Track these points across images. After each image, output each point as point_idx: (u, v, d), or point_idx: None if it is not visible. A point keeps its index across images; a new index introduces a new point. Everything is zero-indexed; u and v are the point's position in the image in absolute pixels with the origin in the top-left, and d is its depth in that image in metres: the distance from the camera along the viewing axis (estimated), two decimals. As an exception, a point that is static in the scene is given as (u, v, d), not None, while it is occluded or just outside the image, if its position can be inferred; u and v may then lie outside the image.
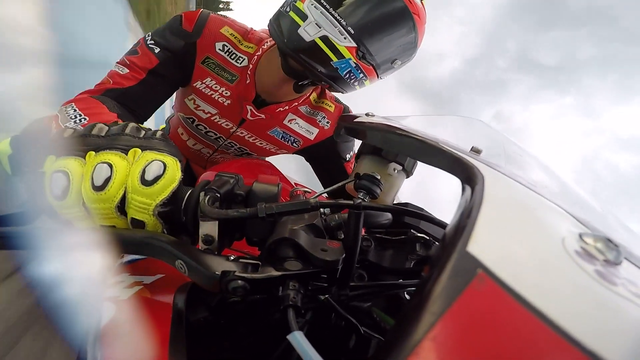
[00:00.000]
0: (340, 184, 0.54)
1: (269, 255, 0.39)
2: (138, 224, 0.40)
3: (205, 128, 1.16)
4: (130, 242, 0.38)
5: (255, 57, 1.01)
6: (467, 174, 0.33)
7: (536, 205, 0.33)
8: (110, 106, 0.84)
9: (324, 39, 0.83)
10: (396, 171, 0.81)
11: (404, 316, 0.22)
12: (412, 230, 0.60)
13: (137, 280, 0.48)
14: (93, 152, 0.40)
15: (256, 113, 1.07)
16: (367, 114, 0.73)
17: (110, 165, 0.39)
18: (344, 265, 0.39)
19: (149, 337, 0.35)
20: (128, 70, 0.95)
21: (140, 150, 0.41)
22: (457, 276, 0.22)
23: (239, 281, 0.34)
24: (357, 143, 0.82)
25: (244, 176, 0.47)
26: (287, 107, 1.11)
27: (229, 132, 1.15)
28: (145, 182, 0.39)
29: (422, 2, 0.88)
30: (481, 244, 0.23)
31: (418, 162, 0.78)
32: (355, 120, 0.65)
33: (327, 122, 1.20)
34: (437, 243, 0.53)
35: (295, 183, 1.08)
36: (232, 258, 0.38)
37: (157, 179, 0.39)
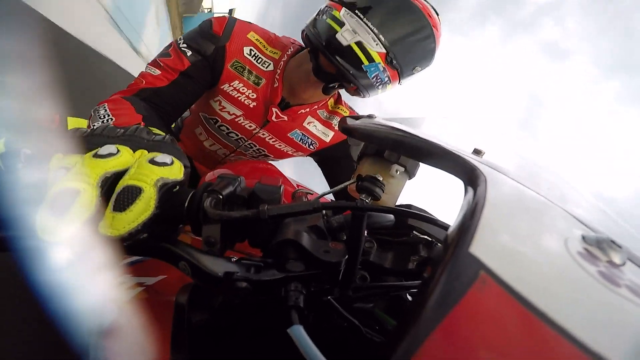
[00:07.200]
0: (342, 185, 0.54)
1: (272, 257, 0.39)
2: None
3: (228, 129, 1.19)
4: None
5: (282, 62, 1.08)
6: (470, 176, 0.33)
7: (539, 206, 0.33)
8: (138, 108, 0.86)
9: (359, 44, 0.91)
10: (398, 173, 0.81)
11: (405, 318, 0.22)
12: (414, 232, 0.60)
13: (139, 282, 0.48)
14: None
15: (280, 115, 1.13)
16: (369, 116, 0.73)
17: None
18: (347, 266, 0.39)
19: (150, 339, 0.35)
20: (160, 72, 1.00)
21: (147, 151, 0.40)
22: (459, 278, 0.21)
23: (242, 282, 0.34)
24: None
25: (246, 178, 0.47)
26: (307, 110, 1.18)
27: (251, 133, 1.19)
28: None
29: (438, 17, 0.98)
30: (484, 246, 0.23)
31: (420, 163, 0.78)
32: (356, 121, 0.65)
33: None
34: (439, 244, 0.53)
35: (297, 184, 1.08)
36: (234, 259, 0.38)
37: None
